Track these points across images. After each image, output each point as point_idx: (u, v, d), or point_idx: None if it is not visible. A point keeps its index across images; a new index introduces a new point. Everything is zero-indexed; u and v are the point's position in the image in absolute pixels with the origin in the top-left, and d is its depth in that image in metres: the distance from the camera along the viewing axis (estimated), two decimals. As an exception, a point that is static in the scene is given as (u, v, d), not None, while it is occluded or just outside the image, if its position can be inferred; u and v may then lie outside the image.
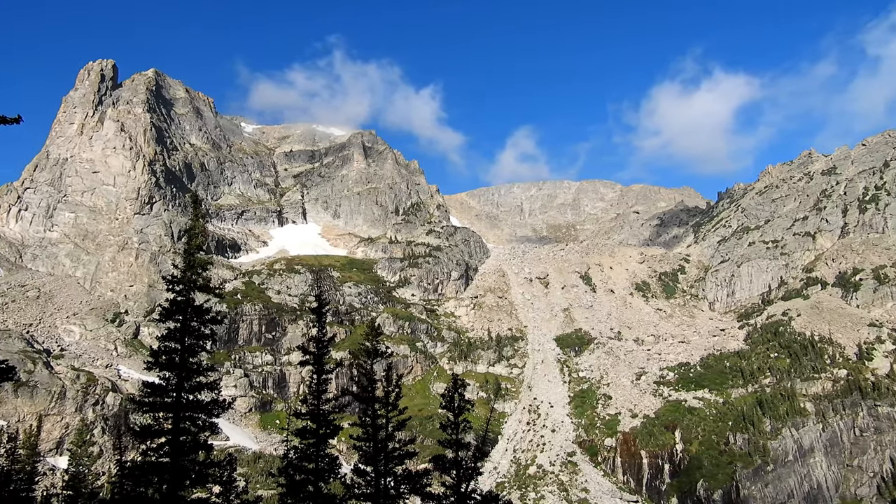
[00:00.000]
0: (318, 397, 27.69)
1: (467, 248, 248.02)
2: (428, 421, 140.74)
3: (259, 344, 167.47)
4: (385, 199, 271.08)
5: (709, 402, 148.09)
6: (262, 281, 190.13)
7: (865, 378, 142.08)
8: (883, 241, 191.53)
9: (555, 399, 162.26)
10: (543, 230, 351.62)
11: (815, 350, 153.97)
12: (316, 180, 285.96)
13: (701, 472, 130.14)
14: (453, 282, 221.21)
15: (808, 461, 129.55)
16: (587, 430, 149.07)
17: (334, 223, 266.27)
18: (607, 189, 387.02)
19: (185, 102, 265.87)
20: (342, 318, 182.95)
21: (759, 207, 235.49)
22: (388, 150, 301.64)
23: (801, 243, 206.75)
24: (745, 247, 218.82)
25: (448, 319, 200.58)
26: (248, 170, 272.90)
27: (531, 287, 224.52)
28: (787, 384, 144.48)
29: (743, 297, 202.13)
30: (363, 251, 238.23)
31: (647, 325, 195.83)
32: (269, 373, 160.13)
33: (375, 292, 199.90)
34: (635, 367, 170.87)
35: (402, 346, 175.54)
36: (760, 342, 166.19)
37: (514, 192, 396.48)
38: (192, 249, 26.25)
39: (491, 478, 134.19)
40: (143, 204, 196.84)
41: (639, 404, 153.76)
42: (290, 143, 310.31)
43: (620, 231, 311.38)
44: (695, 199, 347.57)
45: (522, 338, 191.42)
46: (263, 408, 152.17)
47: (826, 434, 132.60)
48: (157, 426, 24.51)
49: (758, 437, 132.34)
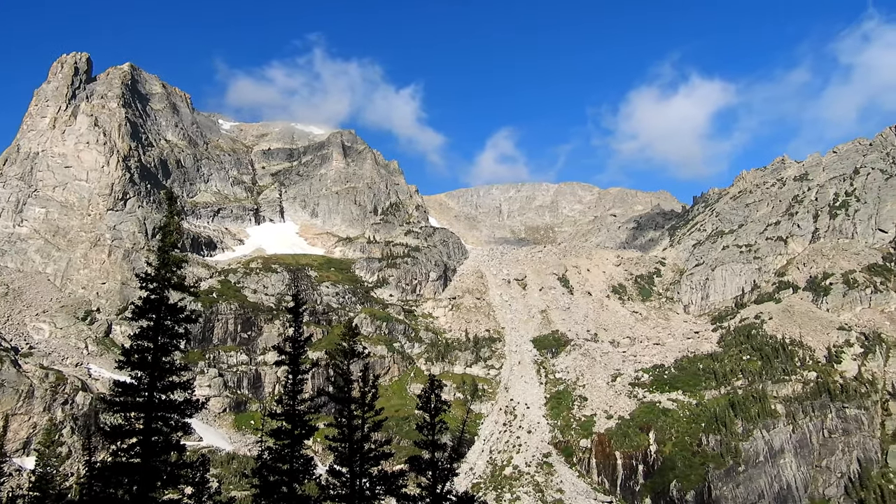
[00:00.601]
0: (294, 398, 27.44)
1: (446, 248, 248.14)
2: (404, 422, 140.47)
3: (234, 343, 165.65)
4: (364, 198, 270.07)
5: (682, 404, 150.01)
6: (238, 280, 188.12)
7: (834, 381, 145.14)
8: (852, 247, 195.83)
9: (531, 400, 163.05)
10: (522, 232, 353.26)
11: (786, 353, 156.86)
12: (294, 179, 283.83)
13: (674, 472, 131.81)
14: (431, 282, 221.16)
15: (778, 462, 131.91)
16: (563, 431, 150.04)
17: (312, 222, 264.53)
18: (585, 192, 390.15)
19: (162, 98, 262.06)
20: (319, 318, 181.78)
21: (733, 212, 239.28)
22: (368, 150, 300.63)
23: (774, 248, 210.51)
24: (719, 250, 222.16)
25: (426, 320, 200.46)
26: (226, 167, 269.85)
27: (509, 288, 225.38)
28: (758, 386, 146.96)
29: (717, 300, 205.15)
30: (341, 251, 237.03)
31: (623, 327, 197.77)
32: (244, 373, 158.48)
33: (353, 292, 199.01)
34: (611, 368, 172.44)
35: (380, 346, 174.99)
36: (733, 345, 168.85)
37: (493, 193, 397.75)
38: (167, 247, 25.85)
39: (467, 479, 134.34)
40: (117, 200, 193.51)
41: (614, 406, 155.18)
42: (269, 141, 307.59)
43: (598, 233, 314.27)
44: (671, 202, 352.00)
45: (500, 339, 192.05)
46: (238, 408, 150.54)
47: (796, 435, 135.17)
48: (128, 426, 24.06)
49: (730, 438, 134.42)
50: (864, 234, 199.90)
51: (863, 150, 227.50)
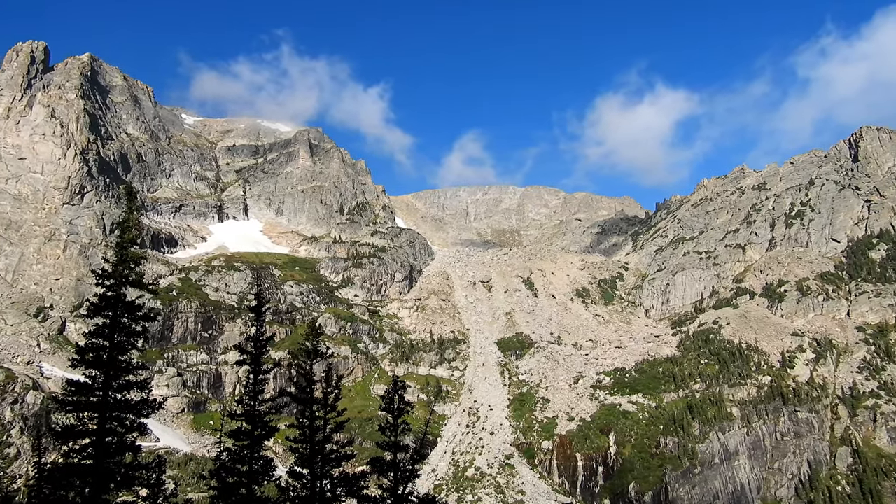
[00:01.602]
0: (255, 398, 27.03)
1: (412, 249, 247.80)
2: (367, 423, 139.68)
3: (194, 342, 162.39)
4: (330, 197, 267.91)
5: (642, 407, 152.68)
6: (199, 277, 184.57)
7: (787, 385, 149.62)
8: (806, 255, 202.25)
9: (494, 402, 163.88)
10: (488, 234, 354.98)
11: (742, 357, 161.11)
12: (259, 176, 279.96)
13: (633, 474, 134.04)
14: (397, 283, 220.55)
15: (732, 464, 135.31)
16: (525, 432, 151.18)
17: (277, 220, 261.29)
18: (551, 196, 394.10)
19: (123, 90, 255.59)
20: (283, 317, 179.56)
21: (694, 219, 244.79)
22: (335, 149, 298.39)
23: (732, 255, 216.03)
24: (680, 256, 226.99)
25: (391, 321, 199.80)
26: (188, 163, 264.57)
27: (474, 290, 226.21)
28: (715, 390, 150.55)
29: (677, 304, 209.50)
30: (306, 250, 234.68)
31: (585, 330, 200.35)
32: (203, 372, 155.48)
33: (318, 292, 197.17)
34: (573, 371, 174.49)
35: (344, 346, 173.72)
36: (692, 349, 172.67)
37: (461, 195, 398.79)
38: (125, 243, 25.19)
39: (429, 480, 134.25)
40: (74, 194, 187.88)
41: (576, 408, 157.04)
42: (234, 138, 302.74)
43: (563, 237, 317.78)
44: (634, 208, 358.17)
45: (464, 341, 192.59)
46: (197, 408, 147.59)
47: (750, 438, 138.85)
48: (80, 426, 23.35)
49: (687, 440, 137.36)
50: (817, 244, 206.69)
51: (818, 162, 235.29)
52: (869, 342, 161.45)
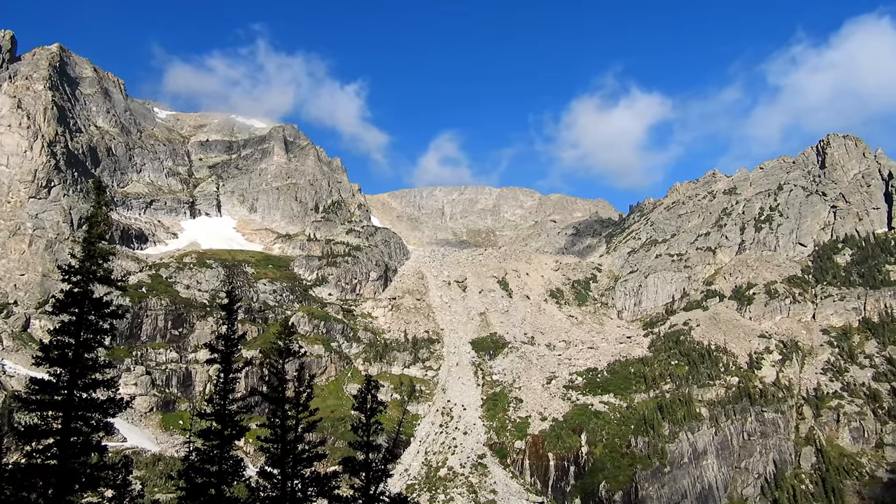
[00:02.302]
0: (225, 397, 26.67)
1: (387, 248, 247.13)
2: (340, 422, 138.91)
3: (164, 340, 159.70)
4: (305, 195, 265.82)
5: (613, 407, 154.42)
6: (170, 274, 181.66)
7: (754, 385, 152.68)
8: (774, 259, 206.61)
9: (468, 402, 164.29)
10: (463, 234, 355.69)
11: (712, 358, 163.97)
12: (233, 172, 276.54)
13: (603, 473, 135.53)
14: (372, 282, 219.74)
15: (701, 463, 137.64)
16: (498, 432, 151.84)
17: (251, 217, 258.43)
18: (527, 197, 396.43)
19: (93, 82, 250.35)
20: (255, 315, 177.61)
21: (667, 222, 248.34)
22: (311, 146, 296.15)
23: (703, 257, 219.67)
24: (652, 259, 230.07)
25: (365, 320, 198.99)
26: (160, 157, 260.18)
27: (449, 290, 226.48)
28: (685, 390, 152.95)
29: (649, 306, 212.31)
30: (280, 248, 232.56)
31: (559, 330, 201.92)
32: (173, 371, 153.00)
33: (291, 290, 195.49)
34: (546, 371, 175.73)
35: (317, 345, 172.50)
36: (663, 350, 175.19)
37: (436, 195, 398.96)
38: (93, 238, 24.66)
39: (402, 480, 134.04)
40: (40, 188, 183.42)
41: (548, 408, 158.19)
42: (207, 133, 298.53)
43: (538, 238, 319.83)
44: (608, 210, 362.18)
45: (438, 340, 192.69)
46: (166, 407, 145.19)
47: (718, 438, 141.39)
48: (44, 426, 22.80)
49: (657, 440, 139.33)
50: (785, 248, 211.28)
51: (787, 168, 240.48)
52: (833, 344, 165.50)
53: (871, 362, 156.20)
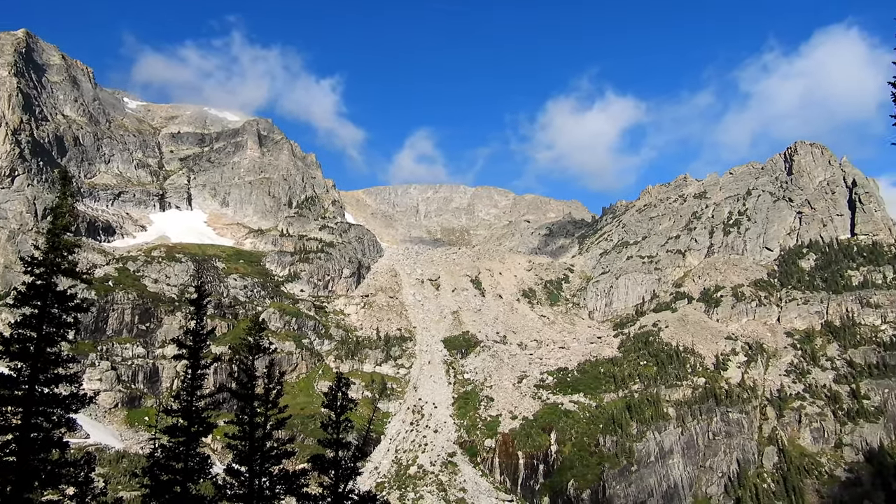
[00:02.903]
0: (193, 393, 26.28)
1: (361, 245, 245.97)
2: (310, 420, 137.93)
3: (130, 335, 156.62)
4: (278, 190, 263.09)
5: (583, 406, 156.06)
6: (137, 268, 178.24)
7: (720, 386, 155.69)
8: (742, 262, 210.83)
9: (439, 400, 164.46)
10: (438, 233, 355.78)
11: (679, 359, 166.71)
12: (205, 165, 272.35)
13: (572, 472, 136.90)
14: (344, 279, 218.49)
15: (667, 462, 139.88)
16: (469, 430, 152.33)
17: (222, 212, 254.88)
18: (501, 196, 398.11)
19: (61, 70, 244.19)
20: (225, 311, 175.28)
21: (638, 224, 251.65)
22: (285, 141, 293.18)
23: (673, 260, 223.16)
24: (623, 260, 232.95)
25: (337, 317, 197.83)
26: (129, 148, 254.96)
27: (422, 288, 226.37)
28: (653, 390, 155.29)
29: (619, 307, 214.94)
30: (252, 243, 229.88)
31: (531, 330, 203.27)
32: (139, 366, 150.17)
33: (262, 286, 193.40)
34: (518, 370, 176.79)
35: (288, 342, 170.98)
36: (632, 350, 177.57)
37: (411, 192, 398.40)
38: (58, 230, 24.07)
39: (371, 478, 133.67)
40: (4, 177, 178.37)
41: (519, 406, 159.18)
42: (179, 125, 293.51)
43: (511, 238, 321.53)
44: (581, 212, 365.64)
45: (411, 338, 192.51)
46: (131, 403, 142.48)
47: (684, 437, 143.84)
48: (3, 422, 22.22)
49: (625, 439, 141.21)
50: (752, 252, 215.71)
51: (755, 174, 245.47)
52: (796, 347, 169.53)
53: (833, 365, 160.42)
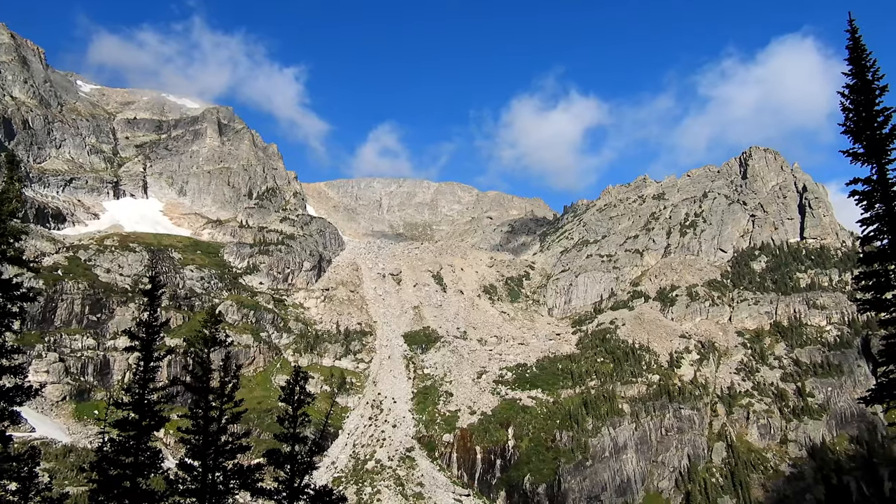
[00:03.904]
0: (145, 386, 25.62)
1: (322, 238, 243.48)
2: (267, 414, 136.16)
3: (80, 326, 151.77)
4: (238, 180, 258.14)
5: (541, 402, 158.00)
6: (89, 257, 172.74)
7: (674, 383, 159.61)
8: (697, 263, 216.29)
9: (398, 395, 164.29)
10: (400, 227, 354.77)
11: (635, 357, 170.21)
12: (162, 153, 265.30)
13: (528, 466, 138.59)
14: (305, 272, 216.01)
15: (621, 457, 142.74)
16: (427, 426, 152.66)
17: (179, 201, 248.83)
18: (465, 192, 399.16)
19: (10, 49, 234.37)
20: (181, 302, 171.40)
21: (598, 223, 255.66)
22: (246, 130, 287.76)
23: (631, 259, 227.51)
24: (583, 259, 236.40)
25: (296, 310, 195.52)
26: (82, 133, 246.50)
27: (384, 283, 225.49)
28: (609, 387, 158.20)
29: (578, 304, 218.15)
30: (210, 233, 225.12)
31: (491, 326, 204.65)
32: (89, 358, 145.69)
33: (220, 277, 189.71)
34: (477, 366, 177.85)
35: (246, 335, 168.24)
36: (590, 347, 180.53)
37: (374, 186, 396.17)
38: (3, 216, 23.15)
39: (328, 472, 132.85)
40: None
41: (478, 402, 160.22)
42: (135, 110, 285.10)
43: (474, 234, 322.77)
44: (543, 210, 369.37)
45: (371, 333, 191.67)
46: (80, 396, 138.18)
47: (638, 433, 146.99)
48: (-60, 414, 21.30)
49: (581, 434, 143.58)
50: (707, 253, 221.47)
51: (711, 177, 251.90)
52: (746, 346, 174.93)
53: (780, 363, 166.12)
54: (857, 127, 25.43)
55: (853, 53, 25.74)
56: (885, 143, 24.85)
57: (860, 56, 25.61)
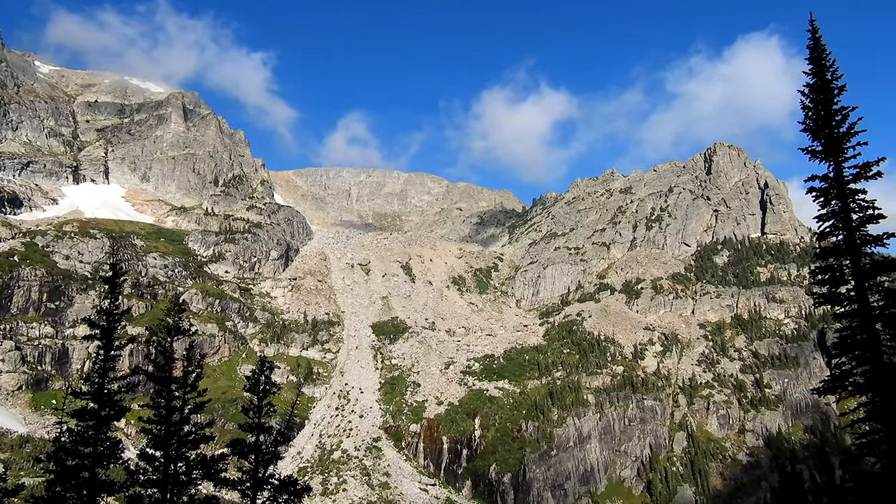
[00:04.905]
0: (104, 375, 25.07)
1: (290, 227, 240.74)
2: (232, 404, 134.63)
3: (38, 314, 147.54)
4: (204, 167, 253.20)
5: (507, 392, 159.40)
6: (47, 243, 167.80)
7: (637, 375, 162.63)
8: (661, 256, 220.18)
9: (366, 385, 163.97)
10: (369, 217, 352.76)
11: (600, 348, 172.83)
12: (124, 138, 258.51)
13: (494, 456, 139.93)
14: (272, 261, 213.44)
15: (585, 446, 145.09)
16: (394, 416, 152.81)
17: (142, 187, 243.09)
18: (434, 183, 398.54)
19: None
20: (143, 291, 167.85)
21: (567, 216, 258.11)
22: (212, 116, 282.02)
23: (598, 252, 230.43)
24: (551, 251, 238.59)
25: (263, 300, 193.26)
26: (40, 115, 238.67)
27: (352, 273, 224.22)
28: (574, 378, 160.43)
29: (546, 296, 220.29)
30: (174, 221, 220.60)
31: (459, 317, 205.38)
32: (47, 347, 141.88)
33: (184, 266, 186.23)
34: (445, 356, 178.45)
35: (211, 324, 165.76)
36: (556, 339, 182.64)
37: (344, 175, 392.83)
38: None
39: (294, 462, 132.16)
40: None
41: (445, 392, 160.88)
42: (96, 93, 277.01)
43: (443, 225, 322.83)
44: (513, 202, 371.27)
45: (339, 323, 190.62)
46: (37, 385, 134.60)
47: (602, 423, 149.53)
48: None
49: (546, 424, 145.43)
50: (672, 247, 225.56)
51: (677, 172, 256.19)
52: (708, 338, 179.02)
53: (740, 355, 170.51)
54: (816, 125, 26.07)
55: (814, 53, 26.34)
56: (842, 141, 25.54)
57: (820, 56, 26.23)
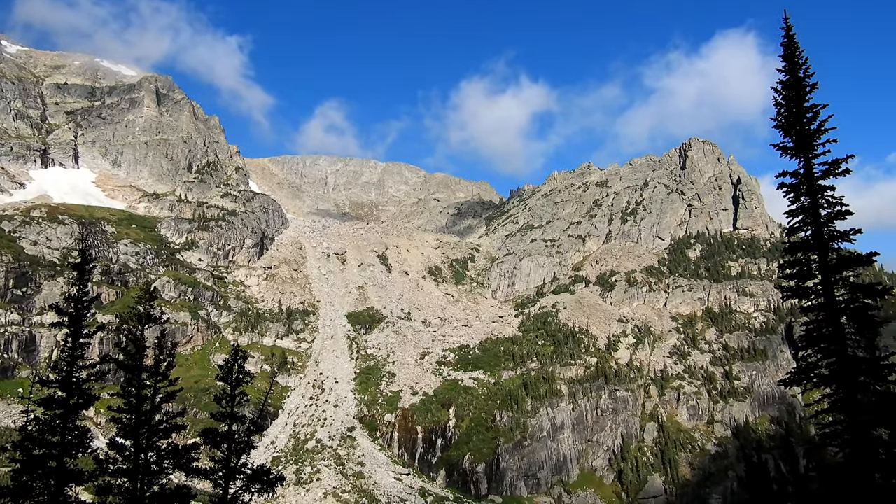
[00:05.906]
0: (73, 363, 24.62)
1: (265, 215, 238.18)
2: (204, 393, 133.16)
3: (4, 300, 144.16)
4: (177, 153, 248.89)
5: (482, 383, 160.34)
6: (13, 228, 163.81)
7: (610, 366, 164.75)
8: (636, 250, 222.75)
9: (341, 375, 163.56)
10: (346, 206, 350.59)
11: (575, 340, 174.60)
12: (95, 121, 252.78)
13: (469, 446, 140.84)
14: (247, 249, 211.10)
15: (558, 436, 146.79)
16: (369, 406, 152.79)
17: (113, 172, 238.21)
18: (412, 173, 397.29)
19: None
20: (114, 278, 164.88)
21: (543, 208, 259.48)
22: (186, 101, 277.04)
23: (574, 244, 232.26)
24: (528, 243, 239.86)
25: (237, 288, 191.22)
26: (7, 97, 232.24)
27: (328, 262, 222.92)
28: (549, 369, 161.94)
29: (521, 288, 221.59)
30: (146, 207, 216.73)
31: (435, 307, 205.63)
32: (13, 334, 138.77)
33: (156, 253, 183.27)
34: (421, 347, 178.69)
35: (183, 312, 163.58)
36: (531, 330, 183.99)
37: (320, 164, 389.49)
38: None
39: (268, 452, 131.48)
40: None
41: (420, 382, 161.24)
42: (66, 75, 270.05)
43: (420, 216, 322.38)
44: (490, 193, 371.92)
45: (314, 312, 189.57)
46: (4, 374, 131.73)
47: (575, 413, 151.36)
48: None
49: (520, 414, 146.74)
50: (646, 240, 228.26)
51: (653, 166, 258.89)
52: (679, 331, 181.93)
53: (710, 348, 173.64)
54: (788, 122, 26.51)
55: (787, 50, 26.74)
56: (812, 137, 26.02)
57: (794, 53, 26.64)
